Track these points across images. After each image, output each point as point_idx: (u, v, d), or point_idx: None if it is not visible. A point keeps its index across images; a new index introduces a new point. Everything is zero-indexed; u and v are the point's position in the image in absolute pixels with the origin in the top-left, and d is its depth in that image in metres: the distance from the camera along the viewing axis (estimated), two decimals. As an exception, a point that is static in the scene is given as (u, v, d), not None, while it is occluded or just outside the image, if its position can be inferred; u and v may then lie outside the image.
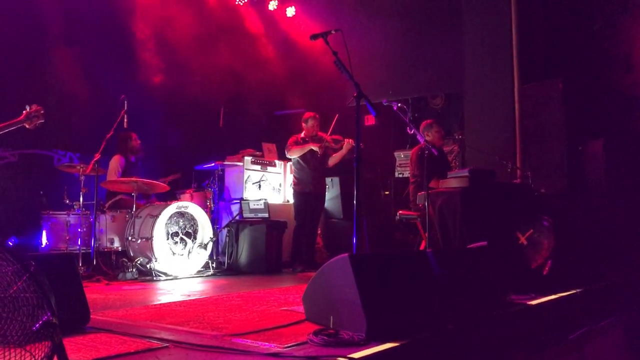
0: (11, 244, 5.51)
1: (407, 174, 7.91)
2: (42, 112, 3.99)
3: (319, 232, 7.46)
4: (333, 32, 4.36)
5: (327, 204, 7.62)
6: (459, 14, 7.52)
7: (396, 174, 8.42)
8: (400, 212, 6.21)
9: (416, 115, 8.31)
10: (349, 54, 4.26)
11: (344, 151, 7.00)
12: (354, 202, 4.12)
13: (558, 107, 6.56)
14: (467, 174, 5.11)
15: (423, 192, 5.24)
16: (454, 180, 5.16)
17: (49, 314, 1.45)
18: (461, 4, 7.48)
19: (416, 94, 8.67)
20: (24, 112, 3.93)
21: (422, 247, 5.81)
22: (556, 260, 4.75)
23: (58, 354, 1.47)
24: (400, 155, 8.35)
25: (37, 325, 1.45)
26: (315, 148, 6.84)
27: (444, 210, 4.97)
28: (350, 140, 6.88)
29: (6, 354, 1.42)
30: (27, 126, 3.94)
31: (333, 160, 7.12)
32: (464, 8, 7.46)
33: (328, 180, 7.59)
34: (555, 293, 4.24)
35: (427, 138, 6.00)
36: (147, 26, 7.99)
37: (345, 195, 7.85)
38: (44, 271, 1.59)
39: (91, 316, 3.16)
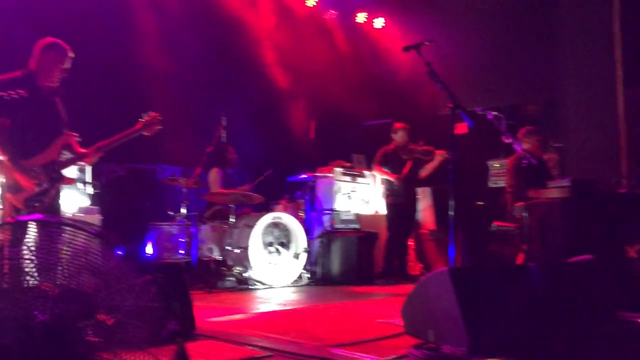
0: (120, 253, 5.87)
1: (501, 184, 7.67)
2: (159, 118, 4.03)
3: (411, 243, 7.40)
4: (426, 43, 4.35)
5: (419, 215, 7.54)
6: (555, 19, 7.25)
7: (490, 184, 8.19)
8: (496, 223, 6.04)
9: (511, 123, 8.05)
10: (442, 65, 4.25)
11: (435, 163, 6.92)
12: (450, 213, 4.07)
13: (668, 112, 6.14)
14: (568, 183, 4.90)
15: (521, 203, 5.08)
16: (555, 191, 4.97)
17: (174, 322, 1.56)
18: (558, 9, 7.20)
19: (510, 102, 8.41)
20: (140, 120, 4.01)
21: (519, 259, 5.62)
22: (671, 276, 4.44)
23: (182, 359, 1.58)
24: (494, 165, 8.11)
25: (164, 332, 1.56)
26: (393, 180, 6.82)
27: (545, 222, 4.80)
28: (442, 151, 6.79)
29: (138, 358, 1.55)
30: (145, 134, 3.99)
31: (425, 171, 7.06)
32: (561, 12, 7.18)
33: (419, 190, 7.51)
34: (670, 311, 3.95)
35: (526, 146, 5.79)
36: (243, 44, 8.32)
37: (437, 206, 7.73)
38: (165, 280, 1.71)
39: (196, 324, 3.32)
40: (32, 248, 1.62)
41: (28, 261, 1.60)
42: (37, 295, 1.57)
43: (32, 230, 1.63)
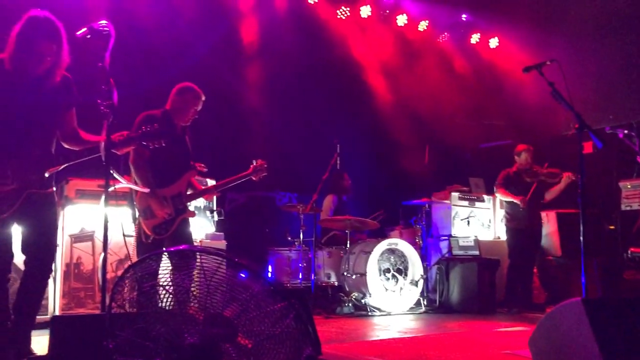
0: (247, 278, 6.14)
1: (636, 207, 7.12)
2: (265, 166, 4.44)
3: (535, 271, 7.03)
4: (548, 62, 4.20)
5: (543, 241, 7.16)
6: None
7: (623, 207, 7.61)
8: (632, 249, 5.60)
9: (643, 141, 7.48)
10: (566, 84, 4.07)
11: (562, 185, 6.57)
12: (581, 238, 3.83)
13: None
14: None
15: (661, 228, 4.68)
16: (701, 214, 4.52)
17: (310, 348, 1.62)
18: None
19: (640, 117, 7.82)
20: (251, 166, 4.42)
21: (661, 289, 5.16)
22: None
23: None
24: (627, 186, 7.53)
25: (301, 357, 1.62)
26: (518, 202, 6.53)
27: (690, 249, 4.37)
28: (569, 173, 6.44)
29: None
30: (253, 178, 4.44)
31: (550, 195, 6.72)
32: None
33: (543, 215, 7.15)
34: None
35: (662, 166, 5.36)
36: (357, 71, 8.51)
37: (563, 231, 7.31)
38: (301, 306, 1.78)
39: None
40: (182, 276, 1.76)
41: (177, 288, 1.75)
42: (187, 319, 1.71)
43: (180, 259, 1.78)
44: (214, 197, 6.06)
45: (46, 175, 3.12)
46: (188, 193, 4.17)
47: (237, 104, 7.45)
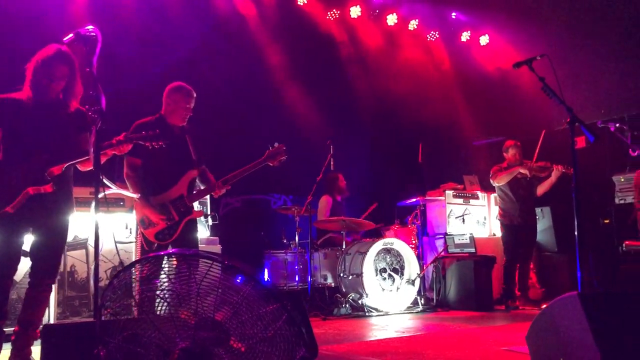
0: (239, 281, 6.11)
1: (630, 200, 7.13)
2: (284, 148, 4.25)
3: (531, 266, 7.03)
4: (538, 58, 4.19)
5: (539, 236, 7.16)
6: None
7: (617, 200, 7.62)
8: (627, 242, 5.61)
9: (636, 134, 7.49)
10: (557, 78, 4.07)
11: (553, 179, 6.56)
12: (575, 233, 3.83)
13: None
14: None
15: (655, 220, 4.69)
16: (695, 206, 4.53)
17: (303, 350, 1.60)
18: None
19: (634, 110, 7.83)
20: (266, 152, 4.23)
21: (657, 282, 5.17)
22: None
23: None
24: (620, 179, 7.55)
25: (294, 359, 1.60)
26: (523, 171, 6.50)
27: (684, 240, 4.38)
28: (559, 166, 6.43)
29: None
30: (270, 164, 4.22)
31: (542, 188, 6.70)
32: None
33: (538, 210, 7.15)
34: None
35: (655, 159, 5.37)
36: (349, 72, 8.50)
37: (558, 226, 7.32)
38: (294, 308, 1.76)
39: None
40: (172, 280, 1.74)
41: (168, 292, 1.73)
42: (178, 323, 1.69)
43: (170, 263, 1.76)
44: (208, 202, 6.07)
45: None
46: (196, 191, 4.12)
47: (229, 105, 7.42)
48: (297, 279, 6.34)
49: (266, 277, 6.67)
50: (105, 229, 3.03)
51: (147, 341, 1.68)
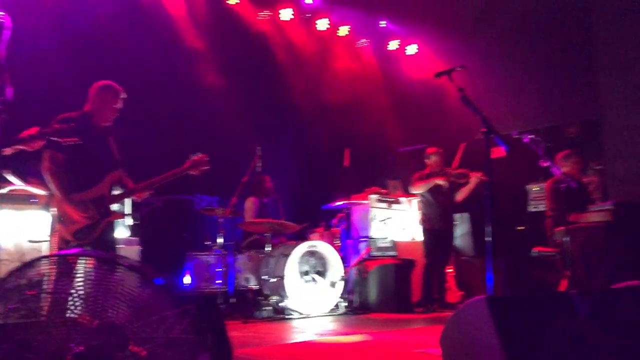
0: (141, 283, 5.94)
1: (541, 208, 7.50)
2: (207, 159, 4.22)
3: (449, 270, 7.26)
4: (458, 68, 4.34)
5: (457, 241, 7.41)
6: (590, 37, 7.15)
7: (530, 208, 8.01)
8: (537, 248, 5.89)
9: (549, 146, 7.89)
10: (474, 89, 4.22)
11: (471, 186, 6.81)
12: (488, 239, 3.99)
13: None
14: (611, 207, 4.77)
15: (562, 228, 4.96)
16: (596, 214, 4.84)
17: (206, 354, 1.56)
18: (597, 30, 7.10)
19: (548, 124, 8.27)
20: (188, 160, 4.18)
21: (562, 286, 5.46)
22: None
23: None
24: (534, 188, 7.95)
25: (195, 366, 1.56)
26: (440, 182, 6.73)
27: (587, 247, 4.66)
28: (477, 173, 6.69)
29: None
30: (192, 173, 4.18)
31: (461, 194, 6.95)
32: (595, 30, 7.08)
33: (457, 216, 7.39)
34: None
35: (564, 169, 5.68)
36: (276, 74, 8.48)
37: (475, 232, 7.60)
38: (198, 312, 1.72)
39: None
40: (69, 281, 1.66)
41: (68, 294, 1.64)
42: (72, 327, 1.60)
43: (67, 264, 1.68)
44: (128, 201, 5.88)
45: None
46: (114, 194, 4.00)
47: (155, 105, 7.22)
48: (219, 281, 6.23)
49: (188, 279, 6.52)
50: (12, 226, 2.83)
51: (37, 346, 1.59)
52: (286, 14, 8.39)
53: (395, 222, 7.63)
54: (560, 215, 5.23)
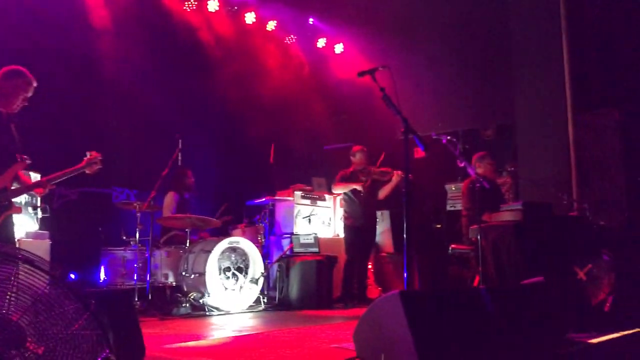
0: (72, 277, 5.70)
1: (459, 207, 7.79)
2: (100, 158, 4.14)
3: (370, 266, 7.40)
4: (380, 68, 4.42)
5: (378, 238, 7.57)
6: (508, 44, 7.48)
7: (448, 207, 8.30)
8: (453, 246, 6.11)
9: (467, 147, 8.21)
10: (396, 89, 4.31)
11: (393, 183, 6.98)
12: (405, 236, 4.09)
13: (615, 137, 6.37)
14: (520, 207, 5.01)
15: (475, 226, 5.16)
16: (507, 214, 5.06)
17: (107, 350, 1.50)
18: (511, 34, 7.44)
19: (466, 126, 8.58)
20: (84, 158, 4.09)
21: (476, 282, 5.69)
22: (618, 297, 4.55)
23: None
24: (452, 188, 8.24)
25: (96, 361, 1.50)
26: (358, 188, 6.86)
27: (498, 245, 4.87)
28: (399, 172, 6.86)
29: (67, 390, 1.48)
30: (87, 172, 4.11)
31: (383, 192, 7.11)
32: (513, 38, 7.42)
33: (378, 214, 7.55)
34: (617, 331, 4.04)
35: (479, 170, 5.92)
36: (202, 66, 8.31)
37: (396, 229, 7.79)
38: (102, 307, 1.66)
39: (146, 351, 3.22)
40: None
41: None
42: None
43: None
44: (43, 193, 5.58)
45: None
46: (13, 187, 3.79)
47: (70, 93, 6.89)
48: (135, 277, 6.04)
49: (103, 275, 6.28)
50: None
51: None
52: (212, 5, 8.23)
53: (319, 219, 7.69)
54: (475, 214, 5.44)
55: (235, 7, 8.52)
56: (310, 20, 9.32)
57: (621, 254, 4.75)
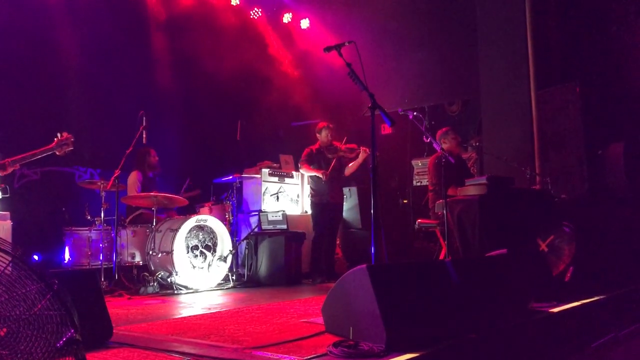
0: (35, 258, 5.59)
1: (425, 182, 7.89)
2: (72, 139, 4.12)
3: (337, 242, 7.46)
4: (346, 44, 4.40)
5: (345, 214, 7.62)
6: (473, 20, 7.53)
7: (414, 183, 8.40)
8: (420, 220, 6.19)
9: (433, 123, 8.29)
10: (362, 65, 4.30)
11: (359, 160, 7.01)
12: (372, 211, 4.13)
13: (576, 111, 6.51)
14: (485, 181, 5.09)
15: (441, 201, 5.23)
16: (472, 188, 5.14)
17: (72, 330, 1.48)
18: (475, 10, 7.49)
19: (432, 102, 8.65)
20: (55, 139, 4.02)
21: (442, 255, 5.80)
22: (578, 267, 4.70)
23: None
24: (418, 164, 8.34)
25: (60, 342, 1.48)
26: (320, 175, 6.87)
27: (463, 218, 4.95)
28: (366, 148, 6.89)
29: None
30: (57, 153, 4.05)
31: (349, 169, 7.14)
32: (478, 14, 7.47)
33: (346, 190, 7.60)
34: (577, 300, 4.19)
35: (444, 146, 5.98)
36: (164, 42, 8.13)
37: (363, 205, 7.86)
38: (66, 288, 1.63)
39: (114, 331, 3.20)
40: None
41: None
42: None
43: None
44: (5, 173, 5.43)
45: None
46: None
47: (29, 72, 6.68)
48: (101, 257, 5.96)
49: (67, 256, 6.17)
50: None
51: None
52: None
53: (287, 196, 7.69)
54: (441, 189, 5.51)
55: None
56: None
57: (582, 226, 4.89)
